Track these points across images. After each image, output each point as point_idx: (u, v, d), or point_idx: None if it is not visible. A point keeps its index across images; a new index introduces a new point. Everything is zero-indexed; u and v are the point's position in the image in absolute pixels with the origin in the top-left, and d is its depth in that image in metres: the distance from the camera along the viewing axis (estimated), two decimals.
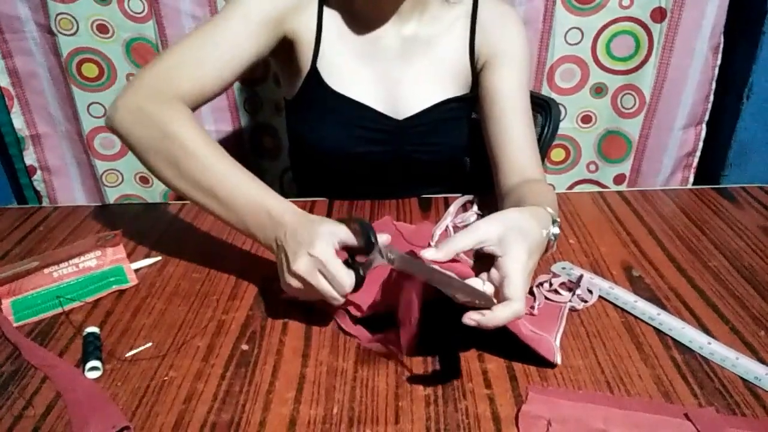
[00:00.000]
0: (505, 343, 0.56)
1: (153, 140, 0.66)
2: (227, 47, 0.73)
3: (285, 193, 1.35)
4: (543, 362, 0.56)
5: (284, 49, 0.82)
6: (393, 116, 0.85)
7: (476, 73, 0.87)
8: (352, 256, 0.60)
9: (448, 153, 0.90)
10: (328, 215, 0.86)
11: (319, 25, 0.81)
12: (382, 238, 0.59)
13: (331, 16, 0.82)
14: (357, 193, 0.91)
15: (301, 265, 0.57)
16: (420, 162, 0.89)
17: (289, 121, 0.92)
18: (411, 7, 0.82)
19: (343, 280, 0.57)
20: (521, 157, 0.81)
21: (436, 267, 0.54)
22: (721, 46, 1.18)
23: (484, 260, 0.57)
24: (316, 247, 0.57)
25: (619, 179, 1.35)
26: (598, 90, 1.25)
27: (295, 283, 0.59)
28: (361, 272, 0.58)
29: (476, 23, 0.85)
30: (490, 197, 0.85)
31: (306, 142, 0.89)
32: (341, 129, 0.85)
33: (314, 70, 0.83)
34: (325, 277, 0.57)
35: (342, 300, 0.58)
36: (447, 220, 0.83)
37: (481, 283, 0.54)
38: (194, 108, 0.71)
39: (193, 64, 0.71)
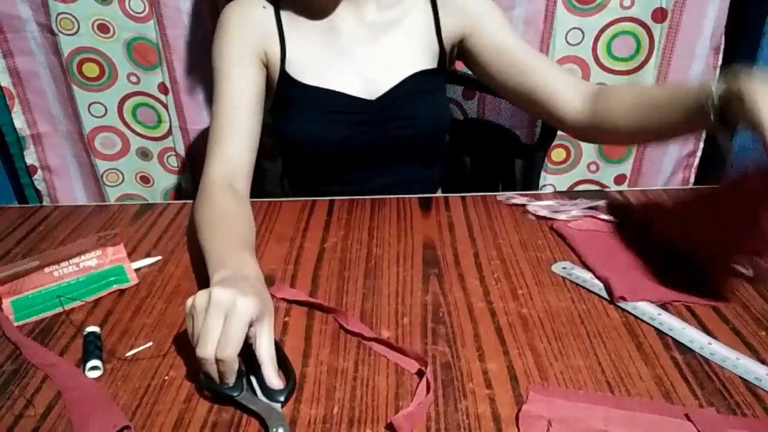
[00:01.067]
0: None
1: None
2: (235, 113, 0.83)
3: (285, 192, 1.35)
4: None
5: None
6: (367, 98, 0.87)
7: (445, 49, 0.89)
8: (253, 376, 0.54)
9: (426, 126, 0.91)
10: (329, 215, 0.86)
11: (280, 33, 0.86)
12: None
13: (289, 20, 0.87)
14: (348, 184, 0.91)
15: (220, 294, 0.52)
16: (400, 138, 0.90)
17: (273, 128, 0.92)
18: None
19: (232, 341, 0.51)
20: (565, 75, 0.84)
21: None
22: (722, 46, 1.18)
23: None
24: (249, 301, 0.52)
25: (619, 179, 1.34)
26: None
27: (199, 302, 0.53)
28: (237, 391, 0.52)
29: (437, 2, 0.87)
30: (490, 196, 0.84)
31: (291, 142, 0.91)
32: (319, 119, 0.88)
33: (284, 73, 0.86)
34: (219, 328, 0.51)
35: (206, 358, 0.51)
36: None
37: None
38: (246, 167, 0.83)
39: (217, 147, 0.82)
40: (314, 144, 0.89)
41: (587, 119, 0.80)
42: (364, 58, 0.87)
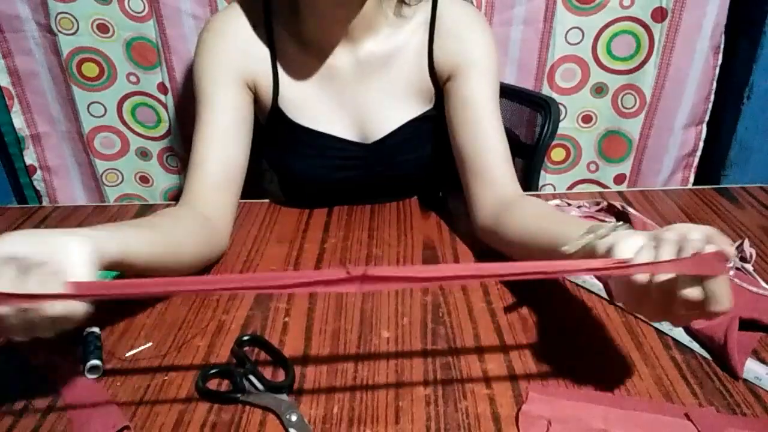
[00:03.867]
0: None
1: None
2: (216, 144, 0.77)
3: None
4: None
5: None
6: (362, 141, 0.85)
7: (439, 87, 0.82)
8: (252, 373, 0.55)
9: (422, 166, 0.88)
10: (327, 220, 0.86)
11: (273, 64, 0.80)
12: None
13: (283, 53, 0.80)
14: (337, 203, 0.91)
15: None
16: (394, 178, 0.89)
17: (262, 148, 0.89)
18: (362, 28, 0.78)
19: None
20: (500, 168, 0.77)
21: None
22: (722, 46, 1.18)
23: None
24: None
25: (619, 179, 1.34)
26: (599, 90, 1.25)
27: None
28: (239, 392, 0.53)
29: (434, 32, 0.79)
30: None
31: (279, 172, 0.90)
32: (312, 160, 0.85)
33: (276, 108, 0.82)
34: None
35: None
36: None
37: None
38: (227, 195, 0.78)
39: (193, 182, 0.76)
40: (306, 180, 0.87)
41: (488, 228, 0.74)
42: (358, 101, 0.82)
